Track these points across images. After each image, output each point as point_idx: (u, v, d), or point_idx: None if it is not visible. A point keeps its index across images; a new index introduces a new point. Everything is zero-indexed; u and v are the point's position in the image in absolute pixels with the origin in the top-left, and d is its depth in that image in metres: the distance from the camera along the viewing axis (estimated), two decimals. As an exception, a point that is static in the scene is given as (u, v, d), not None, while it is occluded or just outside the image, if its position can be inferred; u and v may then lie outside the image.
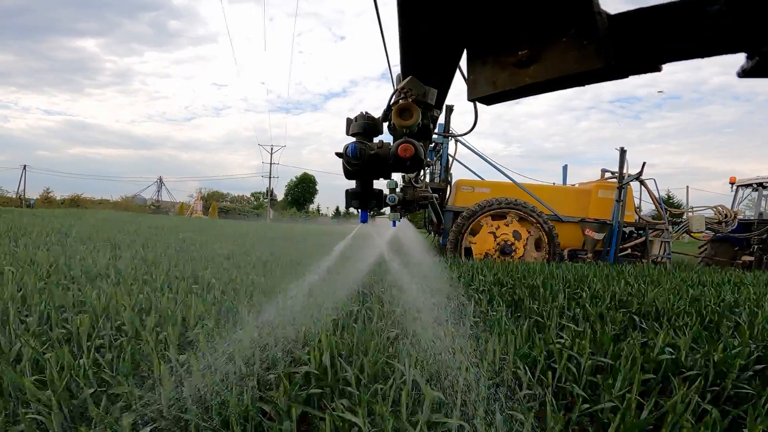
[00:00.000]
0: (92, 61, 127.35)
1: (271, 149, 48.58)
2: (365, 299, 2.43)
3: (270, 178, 48.44)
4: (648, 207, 7.53)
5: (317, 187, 70.92)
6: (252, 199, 71.14)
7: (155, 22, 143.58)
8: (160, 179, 55.06)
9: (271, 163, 48.31)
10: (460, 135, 5.81)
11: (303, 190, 69.79)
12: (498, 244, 6.40)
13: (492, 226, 6.49)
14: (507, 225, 6.47)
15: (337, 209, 79.12)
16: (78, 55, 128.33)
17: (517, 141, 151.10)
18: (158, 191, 54.72)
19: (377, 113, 1.14)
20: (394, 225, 2.18)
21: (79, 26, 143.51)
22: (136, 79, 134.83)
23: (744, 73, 0.53)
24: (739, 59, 0.54)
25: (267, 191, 49.51)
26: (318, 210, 76.39)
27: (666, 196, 7.05)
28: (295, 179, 69.75)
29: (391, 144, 1.09)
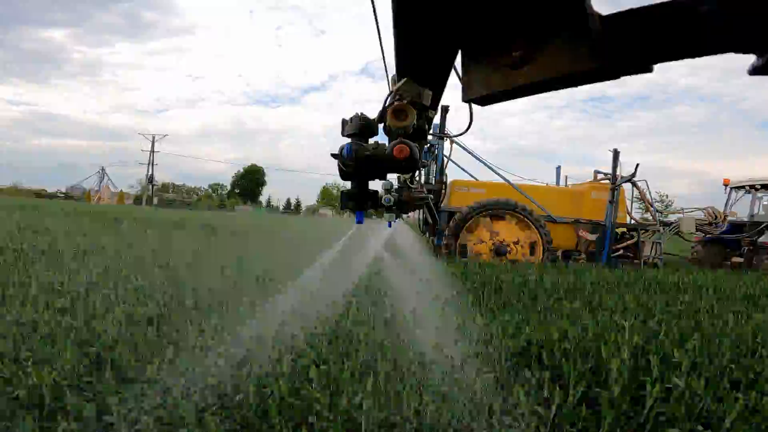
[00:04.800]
0: (60, 52, 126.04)
1: (153, 138, 53.08)
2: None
3: (151, 165, 52.70)
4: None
5: (266, 179, 72.04)
6: (210, 190, 72.15)
7: (129, 13, 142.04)
8: (102, 169, 57.88)
9: (152, 152, 52.76)
10: (455, 136, 5.83)
11: (249, 181, 69.88)
12: (493, 244, 6.43)
13: (487, 226, 6.51)
14: (502, 226, 6.50)
15: (288, 201, 78.97)
16: (45, 46, 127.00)
17: (493, 138, 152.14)
18: (100, 181, 57.16)
19: (357, 108, 1.15)
20: (390, 226, 2.17)
21: (48, 17, 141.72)
22: (106, 70, 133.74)
23: (755, 71, 0.54)
24: (725, 59, 0.55)
25: (147, 178, 52.66)
26: (268, 201, 76.35)
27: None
28: (242, 170, 70.75)
29: (387, 145, 1.10)
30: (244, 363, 1.36)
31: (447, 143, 6.95)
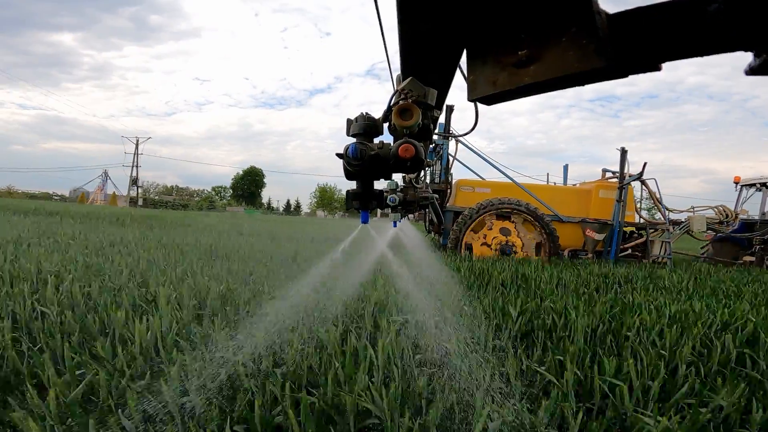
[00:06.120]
0: (69, 56, 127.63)
1: (137, 140, 54.46)
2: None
3: (134, 167, 54.32)
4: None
5: (265, 180, 73.35)
6: (213, 193, 73.69)
7: (136, 17, 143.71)
8: (105, 173, 58.99)
9: (135, 154, 54.26)
10: (461, 135, 5.81)
11: (249, 182, 71.23)
12: (499, 243, 6.40)
13: (492, 226, 6.48)
14: (507, 225, 6.47)
15: (288, 203, 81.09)
16: (55, 50, 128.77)
17: (500, 138, 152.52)
18: (104, 184, 58.40)
19: (362, 109, 1.14)
20: (395, 225, 2.17)
21: (57, 21, 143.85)
22: (115, 73, 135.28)
23: (751, 71, 0.53)
24: (733, 57, 0.54)
25: (130, 180, 54.08)
26: (267, 203, 78.58)
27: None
28: (241, 172, 72.33)
29: (392, 144, 1.09)
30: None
31: (452, 143, 6.93)
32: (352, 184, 1.20)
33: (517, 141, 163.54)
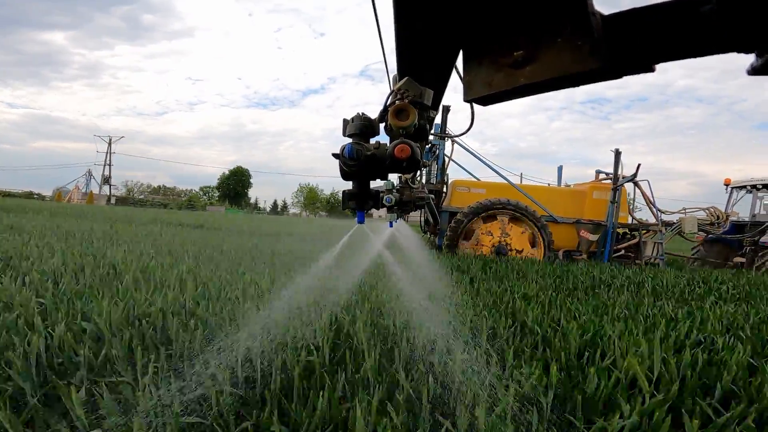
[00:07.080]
0: (60, 54, 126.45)
1: (110, 140, 55.92)
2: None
3: (107, 166, 55.66)
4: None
5: (252, 181, 73.92)
6: (201, 193, 74.30)
7: (128, 16, 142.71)
8: (89, 172, 59.07)
9: (108, 153, 55.82)
10: (456, 135, 5.83)
11: (236, 182, 71.82)
12: (494, 244, 6.42)
13: (488, 226, 6.51)
14: (502, 226, 6.50)
15: (275, 203, 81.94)
16: (46, 48, 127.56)
17: (492, 140, 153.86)
18: (87, 183, 58.31)
19: (355, 110, 1.14)
20: (391, 226, 2.17)
21: (50, 19, 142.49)
22: (106, 72, 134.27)
23: (754, 71, 0.54)
24: (722, 60, 0.55)
25: (102, 179, 54.99)
26: (255, 203, 79.24)
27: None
28: (227, 172, 72.83)
29: (388, 145, 1.09)
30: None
31: (448, 143, 6.95)
32: (345, 184, 1.20)
33: (510, 143, 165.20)
